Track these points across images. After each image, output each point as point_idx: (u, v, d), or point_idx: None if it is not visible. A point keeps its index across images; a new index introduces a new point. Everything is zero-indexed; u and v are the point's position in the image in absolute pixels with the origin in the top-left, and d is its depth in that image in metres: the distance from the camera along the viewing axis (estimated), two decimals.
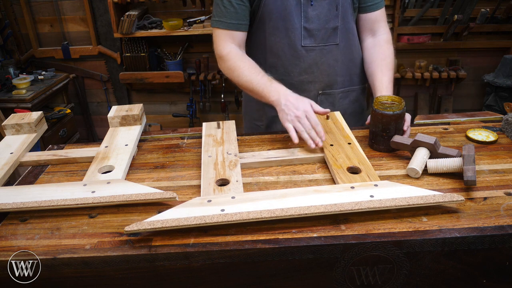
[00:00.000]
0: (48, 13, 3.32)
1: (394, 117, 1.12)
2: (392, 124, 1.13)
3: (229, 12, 1.35)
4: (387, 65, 1.41)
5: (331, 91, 1.48)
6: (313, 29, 1.37)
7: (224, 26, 1.36)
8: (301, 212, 0.86)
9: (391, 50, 1.45)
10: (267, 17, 1.37)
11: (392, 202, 0.88)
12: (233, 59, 1.35)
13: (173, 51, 3.34)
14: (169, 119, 3.62)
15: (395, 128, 1.14)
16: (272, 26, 1.38)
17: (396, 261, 0.84)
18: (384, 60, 1.42)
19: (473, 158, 0.98)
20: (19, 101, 2.90)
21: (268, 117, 1.55)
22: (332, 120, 1.31)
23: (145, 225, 0.84)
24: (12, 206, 0.94)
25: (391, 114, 1.12)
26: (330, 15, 1.37)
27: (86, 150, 1.23)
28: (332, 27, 1.39)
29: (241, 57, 1.36)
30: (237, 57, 1.35)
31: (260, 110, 1.57)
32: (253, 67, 1.33)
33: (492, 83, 3.02)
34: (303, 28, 1.37)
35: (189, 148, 1.26)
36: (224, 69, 1.39)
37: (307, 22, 1.36)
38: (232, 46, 1.37)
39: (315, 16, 1.36)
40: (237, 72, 1.34)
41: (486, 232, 0.83)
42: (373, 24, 1.46)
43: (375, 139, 1.17)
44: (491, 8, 2.99)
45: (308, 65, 1.42)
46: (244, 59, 1.35)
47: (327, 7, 1.36)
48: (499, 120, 1.33)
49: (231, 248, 0.82)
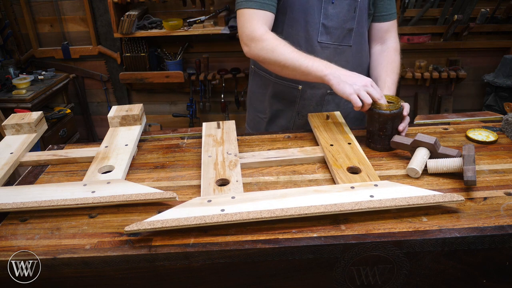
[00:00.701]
0: (48, 13, 3.33)
1: (391, 116, 1.13)
2: (389, 123, 1.14)
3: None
4: (393, 68, 1.44)
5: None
6: (330, 27, 1.39)
7: (257, 6, 1.30)
8: (301, 212, 0.86)
9: (398, 58, 1.48)
10: (289, 8, 1.38)
11: (392, 202, 0.88)
12: (271, 39, 1.28)
13: (173, 51, 3.34)
14: (169, 119, 3.62)
15: (391, 128, 1.14)
16: (292, 18, 1.39)
17: (396, 261, 0.84)
18: (390, 64, 1.45)
19: (473, 158, 0.98)
20: (19, 101, 2.90)
21: (272, 110, 1.56)
22: (332, 120, 1.31)
23: (145, 225, 0.84)
24: (12, 206, 0.94)
25: (388, 114, 1.13)
26: (348, 16, 1.39)
27: (86, 150, 1.23)
28: (348, 28, 1.40)
29: (278, 37, 1.30)
30: (274, 37, 1.30)
31: (264, 102, 1.57)
32: (292, 47, 1.28)
33: (492, 83, 3.02)
34: (322, 24, 1.38)
35: (189, 148, 1.26)
36: (260, 50, 1.30)
37: (326, 19, 1.38)
38: (265, 27, 1.32)
39: (334, 14, 1.37)
40: (277, 51, 1.27)
41: (486, 232, 0.83)
42: (384, 34, 1.50)
43: (372, 138, 1.18)
44: (491, 8, 2.99)
45: None
46: (280, 39, 1.29)
47: (347, 8, 1.38)
48: (499, 120, 1.33)
49: (231, 248, 0.82)
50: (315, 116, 1.34)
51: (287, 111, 1.53)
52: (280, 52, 1.26)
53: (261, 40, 1.29)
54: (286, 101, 1.51)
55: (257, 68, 1.59)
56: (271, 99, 1.55)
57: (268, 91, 1.55)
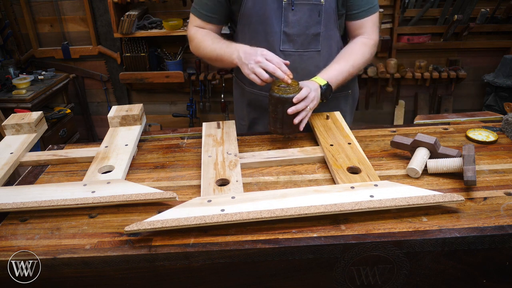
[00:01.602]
0: (48, 13, 3.32)
1: (280, 100, 1.15)
2: (279, 107, 1.16)
3: (204, 4, 1.40)
4: (348, 60, 1.35)
5: None
6: (292, 34, 1.35)
7: (198, 15, 1.43)
8: (301, 212, 0.86)
9: (362, 51, 1.38)
10: (247, 21, 1.37)
11: (392, 202, 0.88)
12: (198, 37, 1.41)
13: (173, 51, 3.34)
14: (169, 119, 3.62)
15: (282, 112, 1.16)
16: (253, 29, 1.38)
17: (396, 261, 0.84)
18: (348, 55, 1.36)
19: (473, 158, 0.98)
20: (19, 101, 2.90)
21: (249, 117, 1.55)
22: (332, 120, 1.31)
23: (145, 225, 0.84)
24: (12, 206, 0.94)
25: (277, 97, 1.16)
26: (311, 21, 1.35)
27: (86, 150, 1.23)
28: (313, 33, 1.36)
29: (206, 34, 1.41)
30: (201, 34, 1.41)
31: (243, 109, 1.57)
32: (216, 38, 1.38)
33: (492, 83, 3.02)
34: (283, 32, 1.35)
35: (189, 148, 1.26)
36: (193, 49, 1.45)
37: (287, 26, 1.34)
38: (198, 29, 1.43)
39: (295, 21, 1.34)
40: (202, 47, 1.39)
41: (486, 232, 0.83)
42: (358, 31, 1.42)
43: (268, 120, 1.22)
44: (491, 8, 2.99)
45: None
46: (208, 35, 1.41)
47: (308, 13, 1.33)
48: (499, 120, 1.33)
49: (231, 248, 0.82)
50: (315, 116, 1.34)
51: (263, 119, 1.52)
52: (203, 47, 1.38)
53: (191, 39, 1.44)
54: (261, 109, 1.50)
55: (236, 77, 1.60)
56: (247, 107, 1.54)
57: (245, 99, 1.54)
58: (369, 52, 1.40)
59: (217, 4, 1.39)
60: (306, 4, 1.33)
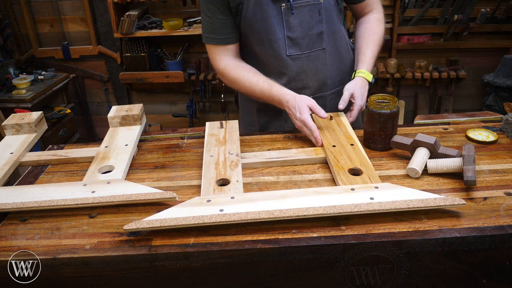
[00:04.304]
0: (48, 13, 3.32)
1: (391, 115, 1.13)
2: (389, 122, 1.14)
3: (216, 27, 1.35)
4: (374, 40, 1.42)
5: (322, 94, 1.46)
6: (297, 38, 1.35)
7: (215, 42, 1.38)
8: (299, 214, 0.86)
9: (381, 28, 1.46)
10: (249, 29, 1.35)
11: (392, 205, 0.87)
12: (231, 72, 1.39)
13: (173, 51, 3.34)
14: (169, 119, 3.62)
15: (392, 127, 1.14)
16: (257, 38, 1.37)
17: (396, 261, 0.84)
18: (372, 36, 1.43)
19: (473, 158, 0.98)
20: (19, 101, 2.90)
21: (260, 122, 1.55)
22: (336, 121, 1.30)
23: (144, 224, 0.84)
24: (12, 206, 0.94)
25: (388, 113, 1.13)
26: (313, 21, 1.35)
27: (86, 150, 1.23)
28: (316, 33, 1.36)
29: (237, 69, 1.39)
30: (234, 69, 1.39)
31: (253, 115, 1.57)
32: (251, 76, 1.36)
33: (492, 83, 3.02)
34: (287, 37, 1.34)
35: (189, 148, 1.26)
36: (226, 83, 1.45)
37: (290, 31, 1.34)
38: (227, 59, 1.40)
39: (297, 24, 1.33)
40: (237, 84, 1.39)
41: (486, 232, 0.83)
42: (366, 9, 1.48)
43: (372, 139, 1.18)
44: (491, 8, 2.99)
45: (295, 73, 1.39)
46: (240, 70, 1.38)
47: (309, 14, 1.33)
48: (499, 120, 1.33)
49: (231, 248, 0.82)
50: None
51: (275, 121, 1.52)
52: (240, 86, 1.39)
53: (222, 74, 1.42)
54: (273, 112, 1.49)
55: None
56: (257, 113, 1.54)
57: (254, 105, 1.54)
58: (384, 27, 1.49)
59: (228, 22, 1.35)
60: (305, 5, 1.32)
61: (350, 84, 1.32)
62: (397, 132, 1.18)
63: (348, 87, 1.31)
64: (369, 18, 1.47)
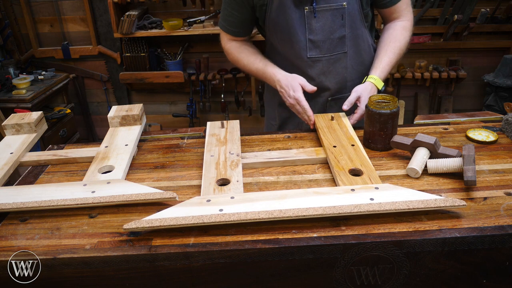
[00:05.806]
0: (48, 13, 3.32)
1: (391, 115, 1.13)
2: (389, 122, 1.14)
3: (230, 20, 1.46)
4: (394, 48, 1.40)
5: (341, 95, 1.47)
6: (318, 41, 1.37)
7: (225, 31, 1.50)
8: (299, 214, 0.86)
9: (404, 36, 1.43)
10: (273, 29, 1.40)
11: (392, 206, 0.87)
12: (233, 52, 1.51)
13: (173, 51, 3.34)
14: (169, 119, 3.62)
15: (392, 127, 1.14)
16: (280, 38, 1.40)
17: (396, 261, 0.84)
18: (392, 43, 1.41)
19: (473, 158, 0.98)
20: (19, 101, 2.90)
21: (280, 117, 1.58)
22: (337, 121, 1.30)
23: (144, 223, 0.84)
24: (12, 206, 0.94)
25: (388, 113, 1.13)
26: (335, 26, 1.36)
27: (86, 150, 1.23)
28: (338, 37, 1.38)
29: (239, 49, 1.50)
30: (236, 49, 1.51)
31: (274, 110, 1.60)
32: (250, 55, 1.47)
33: (492, 83, 3.01)
34: (308, 40, 1.36)
35: (189, 148, 1.26)
36: (230, 61, 1.56)
37: (312, 33, 1.36)
38: (231, 42, 1.52)
39: (319, 27, 1.35)
40: (239, 63, 1.51)
41: (486, 232, 0.83)
42: (394, 15, 1.45)
43: (372, 139, 1.18)
44: (491, 8, 2.99)
45: (315, 75, 1.42)
46: (241, 50, 1.50)
47: (331, 18, 1.35)
48: (499, 120, 1.33)
49: (231, 248, 0.82)
50: (320, 117, 1.33)
51: (293, 118, 1.53)
52: (240, 65, 1.51)
53: (227, 54, 1.55)
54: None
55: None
56: (278, 108, 1.57)
57: (276, 100, 1.56)
58: (410, 36, 1.46)
59: (242, 19, 1.44)
60: (328, 9, 1.34)
61: (359, 87, 1.32)
62: (397, 132, 1.18)
63: (356, 89, 1.32)
64: (395, 24, 1.45)
